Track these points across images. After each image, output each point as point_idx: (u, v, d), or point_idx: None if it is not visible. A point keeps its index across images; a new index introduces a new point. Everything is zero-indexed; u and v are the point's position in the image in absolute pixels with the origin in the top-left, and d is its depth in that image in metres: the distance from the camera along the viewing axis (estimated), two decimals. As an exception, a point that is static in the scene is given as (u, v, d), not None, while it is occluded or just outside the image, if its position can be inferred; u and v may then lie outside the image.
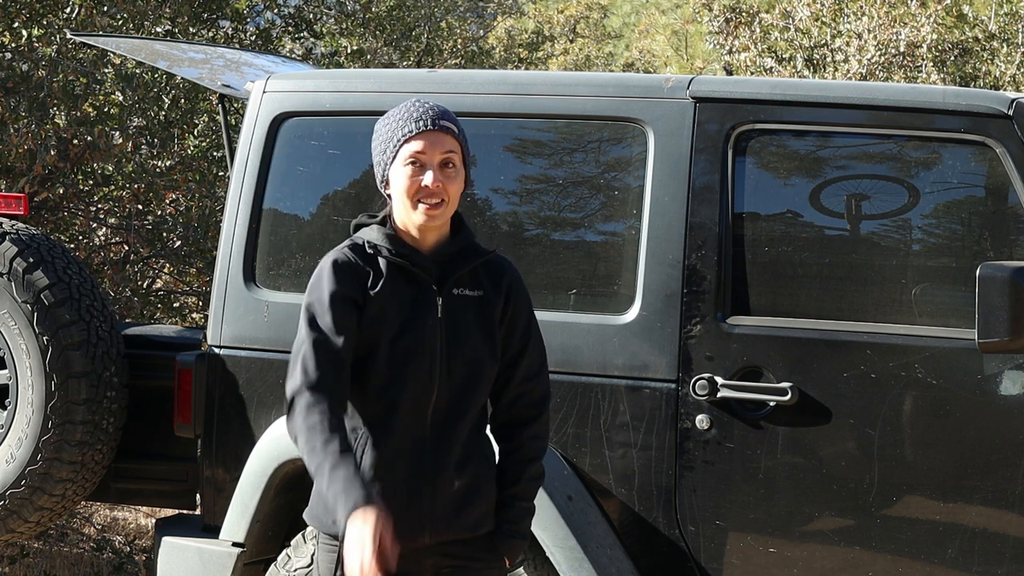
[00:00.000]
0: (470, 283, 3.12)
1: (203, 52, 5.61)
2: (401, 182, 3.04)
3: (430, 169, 3.03)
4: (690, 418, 3.96)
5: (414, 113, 3.06)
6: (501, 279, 3.16)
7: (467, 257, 3.12)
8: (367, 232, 3.11)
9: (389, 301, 3.04)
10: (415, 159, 3.03)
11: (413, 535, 3.04)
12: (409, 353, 3.04)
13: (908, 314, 3.88)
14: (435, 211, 3.04)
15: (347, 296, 3.01)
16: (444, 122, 3.07)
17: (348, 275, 3.03)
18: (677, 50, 19.28)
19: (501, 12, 16.65)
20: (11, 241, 4.48)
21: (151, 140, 7.26)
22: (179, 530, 4.48)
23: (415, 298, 3.07)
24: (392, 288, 3.05)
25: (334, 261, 3.04)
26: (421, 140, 3.04)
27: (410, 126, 3.04)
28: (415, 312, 3.06)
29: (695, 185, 4.01)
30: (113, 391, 4.50)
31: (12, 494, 4.44)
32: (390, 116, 3.10)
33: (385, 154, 3.07)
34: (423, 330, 3.05)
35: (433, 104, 3.10)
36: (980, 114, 3.83)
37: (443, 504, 3.07)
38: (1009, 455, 3.75)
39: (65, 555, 6.81)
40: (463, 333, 3.09)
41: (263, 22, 9.40)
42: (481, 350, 3.10)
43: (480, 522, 3.14)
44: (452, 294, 3.10)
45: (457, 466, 3.09)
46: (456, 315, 3.09)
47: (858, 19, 9.68)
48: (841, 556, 3.89)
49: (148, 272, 8.11)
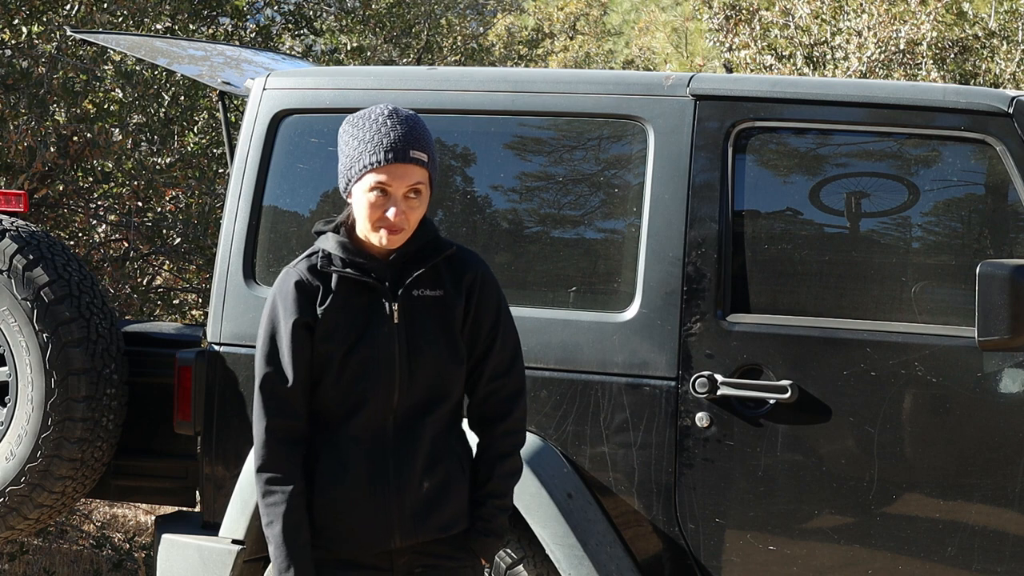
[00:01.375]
0: (431, 283, 3.07)
1: (203, 49, 5.61)
2: (364, 208, 2.99)
3: (393, 202, 2.97)
4: (690, 416, 3.96)
5: (384, 140, 2.96)
6: (463, 276, 3.10)
7: (426, 256, 3.06)
8: (323, 241, 3.08)
9: (340, 315, 3.02)
10: (380, 187, 2.97)
11: (382, 539, 3.03)
12: (366, 363, 3.01)
13: (908, 312, 3.88)
14: (393, 237, 3.00)
15: (301, 323, 3.01)
16: (415, 153, 2.97)
17: (304, 299, 3.02)
18: (677, 47, 19.28)
19: (501, 9, 16.64)
20: (11, 238, 4.48)
21: (151, 137, 7.26)
22: (179, 527, 4.48)
23: (370, 307, 3.03)
24: (344, 301, 3.02)
25: (296, 283, 3.03)
26: (389, 171, 2.96)
27: (379, 155, 2.96)
28: (370, 321, 3.03)
29: (695, 183, 4.01)
30: (113, 388, 4.50)
31: (12, 491, 4.44)
32: (362, 127, 2.99)
33: (351, 171, 2.99)
34: (378, 339, 3.02)
35: (406, 127, 2.98)
36: (980, 112, 3.83)
37: (411, 507, 3.04)
38: (1009, 453, 3.75)
39: (65, 552, 6.81)
40: (423, 336, 3.05)
41: (263, 19, 9.40)
42: (443, 352, 3.06)
43: (452, 522, 3.10)
44: (412, 296, 3.05)
45: (425, 468, 3.05)
46: (416, 318, 3.05)
47: (858, 16, 9.67)
48: (841, 554, 3.89)
49: (148, 269, 8.11)
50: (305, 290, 3.03)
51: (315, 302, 3.02)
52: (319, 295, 3.02)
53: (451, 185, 4.31)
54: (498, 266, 4.18)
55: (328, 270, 3.03)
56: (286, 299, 3.03)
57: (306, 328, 3.01)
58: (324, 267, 3.04)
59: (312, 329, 3.01)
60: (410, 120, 3.00)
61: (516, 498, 3.97)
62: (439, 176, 3.11)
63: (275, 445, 3.01)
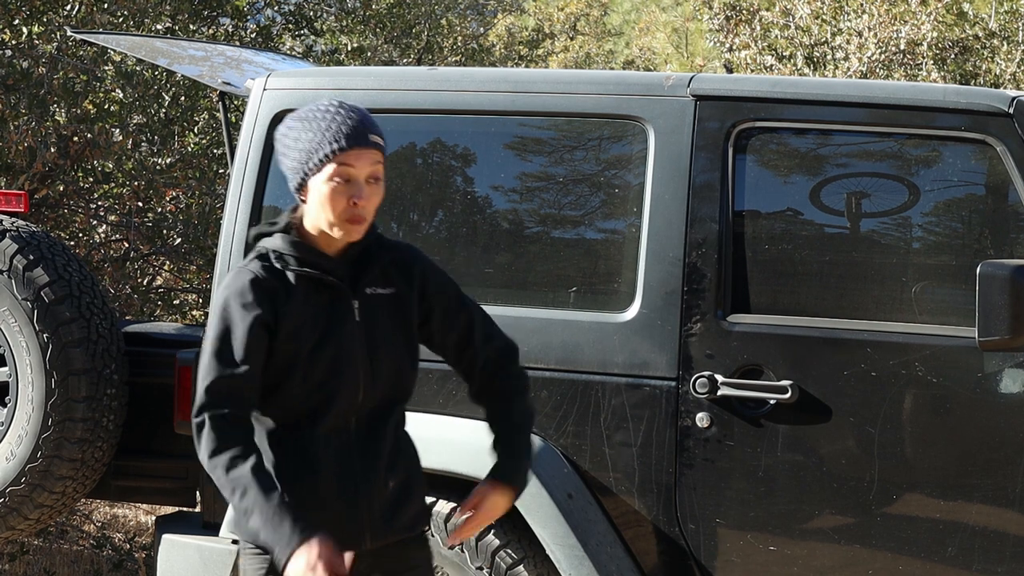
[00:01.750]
0: (381, 281, 3.04)
1: (203, 49, 5.61)
2: (328, 198, 2.92)
3: (357, 188, 2.93)
4: (690, 416, 3.96)
5: (344, 127, 2.93)
6: (411, 271, 3.07)
7: (375, 253, 3.04)
8: (271, 242, 3.01)
9: (303, 313, 2.96)
10: (344, 175, 2.92)
11: (354, 542, 2.99)
12: (333, 361, 2.96)
13: (908, 312, 3.88)
14: (357, 226, 2.95)
15: (260, 320, 2.92)
16: (374, 136, 2.95)
17: (261, 296, 2.93)
18: (677, 48, 19.28)
19: (501, 9, 16.65)
20: (11, 238, 4.48)
21: (151, 137, 7.26)
22: (179, 527, 4.48)
23: (330, 304, 2.99)
24: (305, 299, 2.97)
25: (251, 280, 2.94)
26: (351, 156, 2.92)
27: (341, 141, 2.91)
28: (333, 319, 2.98)
29: (695, 183, 4.01)
30: (113, 388, 4.50)
31: (12, 491, 4.44)
32: (313, 121, 2.96)
33: (307, 163, 2.93)
34: (343, 336, 2.98)
35: (358, 113, 2.96)
36: (980, 112, 3.83)
37: (380, 506, 3.01)
38: (1009, 453, 3.75)
39: (65, 552, 6.81)
40: (382, 334, 3.02)
41: (263, 19, 9.40)
42: (401, 350, 3.04)
43: (415, 521, 3.09)
44: (366, 294, 3.02)
45: (388, 467, 3.03)
46: (373, 316, 3.02)
47: (858, 17, 9.67)
48: (841, 554, 3.89)
49: (148, 269, 8.11)
50: (263, 288, 2.94)
51: (274, 300, 2.94)
52: (278, 293, 2.95)
53: (451, 186, 4.31)
54: (498, 266, 4.19)
55: (287, 268, 2.97)
56: (242, 296, 2.93)
57: (264, 327, 2.93)
58: (282, 266, 2.97)
59: (270, 328, 2.93)
60: (361, 109, 2.99)
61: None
62: (443, 179, 3.06)
63: (227, 428, 2.89)
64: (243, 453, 2.87)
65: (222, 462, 2.86)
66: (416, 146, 4.36)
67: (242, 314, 2.92)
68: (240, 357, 2.91)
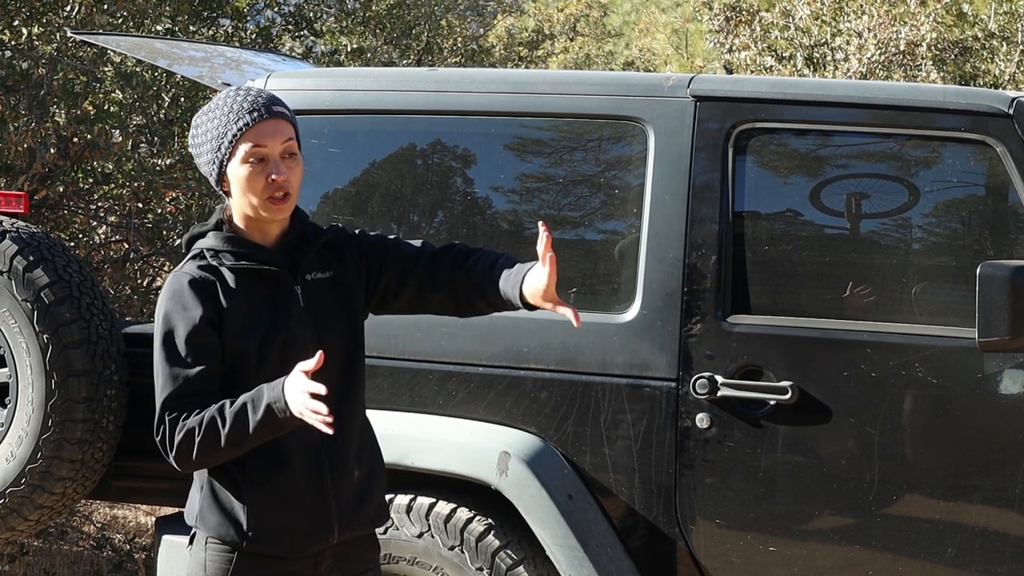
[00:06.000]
0: (319, 266, 3.05)
1: (203, 50, 5.61)
2: (246, 180, 2.92)
3: (273, 163, 2.93)
4: (690, 417, 3.96)
5: (245, 104, 2.93)
6: (342, 247, 3.08)
7: (310, 239, 3.04)
8: (205, 241, 3.00)
9: (247, 307, 2.95)
10: (256, 154, 2.92)
11: (321, 532, 3.00)
12: (285, 350, 2.95)
13: (908, 313, 3.88)
14: (282, 204, 2.95)
15: (205, 319, 2.91)
16: (277, 108, 2.95)
17: (202, 295, 2.92)
18: (677, 48, 19.27)
19: (501, 10, 16.66)
20: (11, 239, 4.48)
21: (151, 138, 7.26)
22: (179, 528, 4.47)
23: (273, 294, 2.98)
24: (246, 293, 2.95)
25: (189, 282, 2.93)
26: (258, 132, 2.92)
27: (245, 118, 2.91)
28: (278, 307, 2.97)
29: (695, 184, 4.01)
30: (113, 389, 4.50)
31: (12, 492, 4.43)
32: (216, 109, 2.96)
33: (219, 151, 2.93)
34: (291, 324, 2.97)
35: (258, 92, 2.97)
36: (980, 113, 3.83)
37: (347, 496, 3.02)
38: (1009, 454, 3.75)
39: (65, 553, 6.81)
40: (327, 318, 3.02)
41: (263, 20, 9.40)
42: (346, 332, 3.04)
43: (378, 514, 3.11)
44: (307, 280, 3.02)
45: (356, 455, 3.04)
46: (316, 301, 3.01)
47: (858, 18, 9.68)
48: (841, 555, 3.89)
49: (148, 270, 8.11)
50: (201, 287, 2.93)
51: (215, 298, 2.93)
52: (218, 290, 2.94)
53: (452, 186, 4.31)
54: (498, 267, 4.18)
55: (223, 265, 2.96)
56: (182, 299, 2.92)
57: (210, 324, 2.91)
58: (218, 263, 2.96)
59: (216, 325, 2.92)
60: (262, 90, 3.00)
61: (516, 499, 3.98)
62: (443, 180, 3.06)
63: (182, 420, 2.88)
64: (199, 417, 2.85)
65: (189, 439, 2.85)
66: (416, 147, 4.36)
67: (186, 315, 2.91)
68: (191, 360, 2.89)
